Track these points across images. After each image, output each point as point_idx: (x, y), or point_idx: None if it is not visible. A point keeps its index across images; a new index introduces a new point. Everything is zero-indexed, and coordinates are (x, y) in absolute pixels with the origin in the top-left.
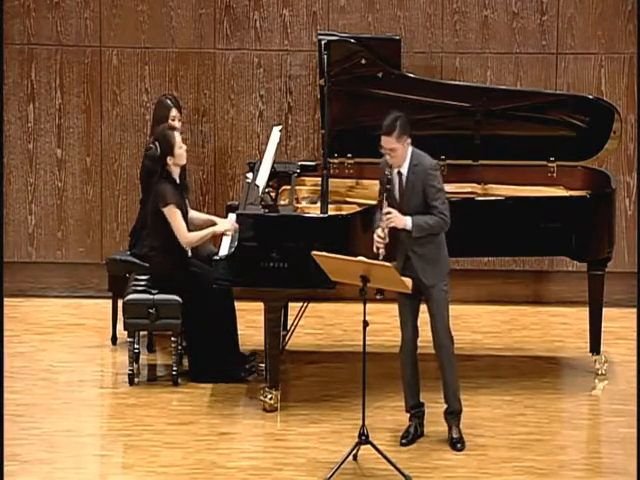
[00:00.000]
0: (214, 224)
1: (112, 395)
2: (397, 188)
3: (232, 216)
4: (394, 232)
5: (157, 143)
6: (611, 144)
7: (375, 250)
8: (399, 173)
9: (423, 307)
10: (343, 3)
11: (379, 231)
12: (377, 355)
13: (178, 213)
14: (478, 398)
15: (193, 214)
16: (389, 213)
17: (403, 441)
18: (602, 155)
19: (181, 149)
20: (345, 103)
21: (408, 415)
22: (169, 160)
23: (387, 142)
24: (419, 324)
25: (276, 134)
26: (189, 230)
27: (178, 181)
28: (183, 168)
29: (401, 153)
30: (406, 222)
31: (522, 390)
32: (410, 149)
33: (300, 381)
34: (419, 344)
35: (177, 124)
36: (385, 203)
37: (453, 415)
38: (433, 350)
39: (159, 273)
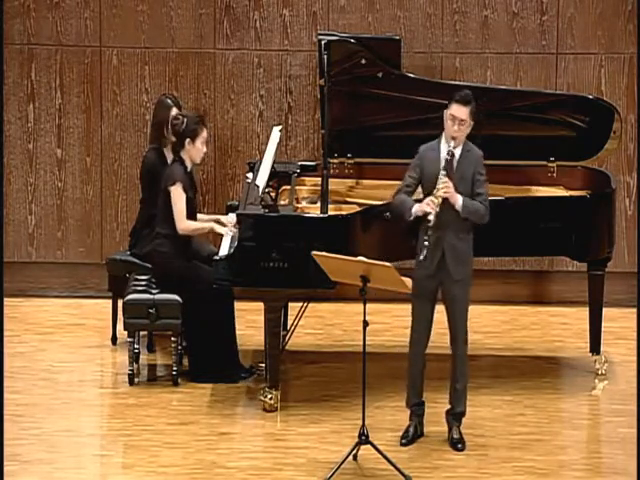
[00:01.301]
0: (218, 221)
1: (112, 395)
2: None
3: (232, 215)
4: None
5: (186, 120)
6: (611, 144)
7: (426, 207)
8: (452, 154)
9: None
10: (343, 3)
11: (433, 198)
12: (377, 355)
13: (183, 195)
14: (478, 398)
15: (199, 217)
16: (447, 182)
17: (403, 441)
18: (602, 155)
19: (203, 146)
20: (345, 103)
21: (408, 412)
22: (187, 144)
23: (461, 112)
24: (432, 324)
25: (276, 134)
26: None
27: (189, 171)
28: None
29: (467, 129)
30: (458, 199)
31: (522, 390)
32: None
33: (300, 381)
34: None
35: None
36: (443, 172)
37: (456, 417)
38: (434, 350)
39: (161, 264)
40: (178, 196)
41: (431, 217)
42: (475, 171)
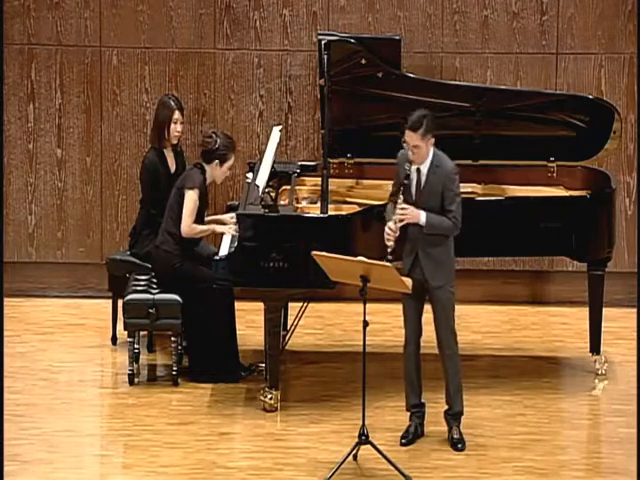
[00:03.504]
0: (218, 222)
1: (112, 395)
2: (414, 185)
3: (233, 214)
4: (404, 230)
5: (219, 141)
6: (611, 144)
7: (386, 241)
8: (418, 170)
9: (427, 307)
10: (343, 3)
11: (391, 224)
12: (377, 355)
13: (197, 202)
14: (478, 398)
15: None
16: (404, 209)
17: (403, 441)
18: (602, 155)
19: (229, 171)
20: (345, 103)
21: (408, 414)
22: (214, 164)
23: (412, 138)
24: (421, 323)
25: (276, 134)
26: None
27: (206, 185)
28: (183, 167)
29: (424, 151)
30: (420, 216)
31: (522, 390)
32: (432, 149)
33: (300, 381)
34: (421, 343)
35: (179, 127)
36: (401, 198)
37: (454, 416)
38: (433, 350)
39: (163, 263)
40: (191, 200)
41: (390, 244)
42: (445, 187)
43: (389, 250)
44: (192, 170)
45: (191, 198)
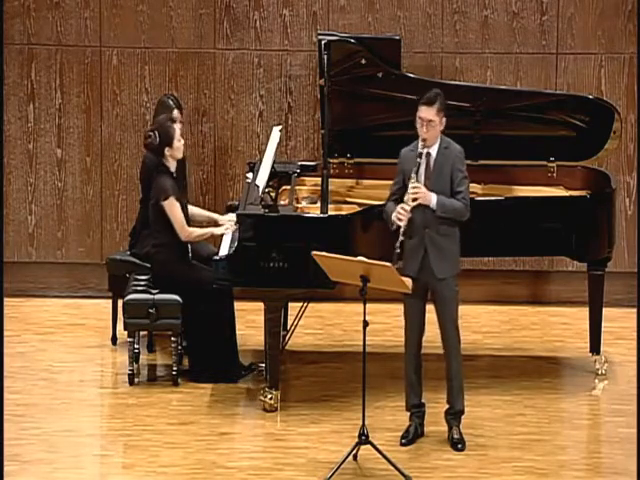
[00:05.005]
0: (215, 222)
1: (112, 395)
2: (423, 169)
3: (230, 215)
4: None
5: (156, 132)
6: (611, 144)
7: (396, 220)
8: (427, 154)
9: (428, 307)
10: (343, 3)
11: (404, 205)
12: (377, 355)
13: (178, 206)
14: (478, 398)
15: (194, 210)
16: (417, 187)
17: (403, 441)
18: (602, 155)
19: (179, 142)
20: (345, 103)
21: (408, 414)
22: (167, 151)
23: (427, 112)
24: (424, 324)
25: (276, 134)
26: (189, 225)
27: (175, 175)
28: (183, 166)
29: (437, 129)
30: (431, 198)
31: (522, 390)
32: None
33: (300, 381)
34: (422, 344)
35: (178, 125)
36: (414, 177)
37: (455, 416)
38: (434, 350)
39: (161, 271)
40: (173, 208)
41: (402, 224)
42: (454, 168)
43: (401, 231)
44: (158, 178)
45: (172, 207)
